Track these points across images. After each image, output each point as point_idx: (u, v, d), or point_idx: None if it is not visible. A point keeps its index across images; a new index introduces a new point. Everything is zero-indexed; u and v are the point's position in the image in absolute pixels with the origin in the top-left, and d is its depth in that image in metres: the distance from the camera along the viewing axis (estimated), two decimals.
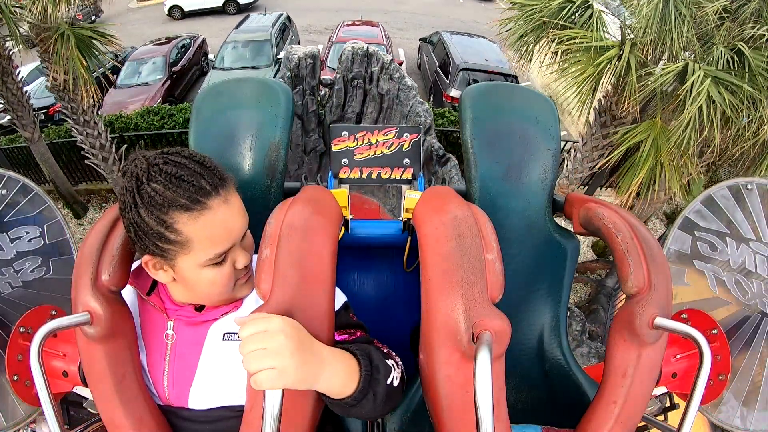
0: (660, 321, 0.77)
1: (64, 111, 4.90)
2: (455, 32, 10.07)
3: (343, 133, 1.28)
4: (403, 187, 1.29)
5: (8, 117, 5.38)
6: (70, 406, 1.08)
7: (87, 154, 5.28)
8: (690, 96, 3.20)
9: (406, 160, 1.29)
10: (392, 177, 1.29)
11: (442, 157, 5.14)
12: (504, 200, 1.14)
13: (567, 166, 5.21)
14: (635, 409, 0.80)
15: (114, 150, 5.38)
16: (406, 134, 1.28)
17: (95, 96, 4.52)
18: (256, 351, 0.58)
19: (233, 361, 0.78)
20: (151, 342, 0.81)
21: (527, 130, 1.16)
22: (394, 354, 0.79)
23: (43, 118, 8.04)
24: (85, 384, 0.87)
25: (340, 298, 0.83)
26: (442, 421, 0.75)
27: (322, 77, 5.74)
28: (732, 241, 1.20)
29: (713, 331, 1.12)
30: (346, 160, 1.28)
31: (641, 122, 3.87)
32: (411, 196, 1.16)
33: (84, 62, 4.11)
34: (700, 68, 3.25)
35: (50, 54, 4.19)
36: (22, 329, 1.05)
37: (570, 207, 1.11)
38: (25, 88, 5.33)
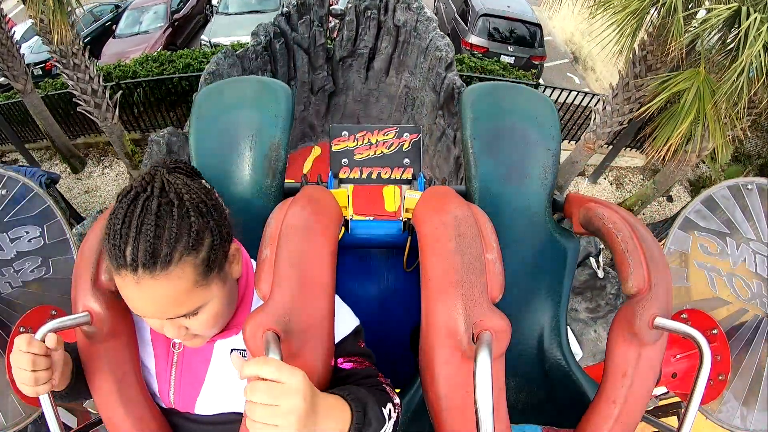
0: (660, 321, 0.77)
1: (53, 54, 4.69)
2: None
3: (343, 133, 1.28)
4: (403, 187, 1.29)
5: (2, 75, 5.20)
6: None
7: (79, 101, 5.04)
8: (745, 41, 3.00)
9: (406, 160, 1.29)
10: (392, 177, 1.29)
11: None
12: (504, 200, 1.14)
13: (595, 119, 4.88)
14: (635, 409, 0.80)
15: (108, 96, 5.13)
16: (406, 134, 1.28)
17: (67, 33, 4.28)
18: (266, 406, 0.54)
19: None
20: (158, 349, 0.81)
21: (527, 130, 1.16)
22: (393, 395, 0.76)
23: (41, 73, 7.84)
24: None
25: (353, 322, 0.80)
26: (442, 421, 0.75)
27: (331, 6, 5.26)
28: (732, 241, 1.20)
29: (713, 331, 1.12)
30: (346, 160, 1.28)
31: (682, 71, 3.59)
32: (411, 196, 1.16)
33: None
34: (755, 10, 3.04)
35: None
36: (22, 329, 1.05)
37: (570, 207, 1.11)
38: (22, 45, 5.10)
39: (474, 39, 7.87)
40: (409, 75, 5.46)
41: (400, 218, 1.23)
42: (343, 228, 1.20)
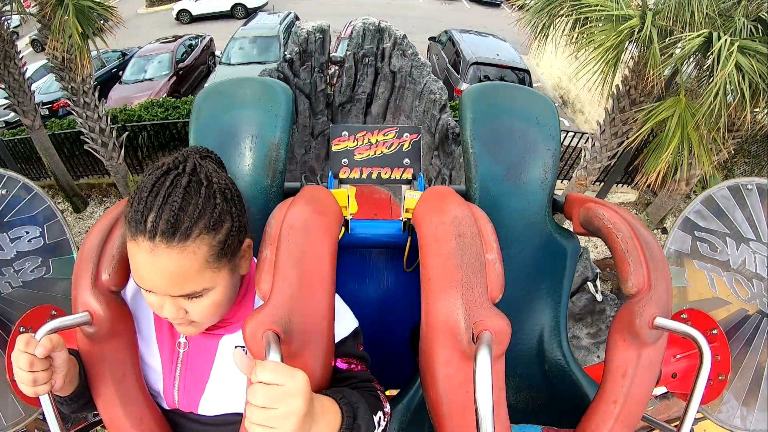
0: (660, 321, 0.77)
1: (66, 91, 4.89)
2: (465, 30, 9.95)
3: (343, 133, 1.28)
4: (403, 187, 1.29)
5: (12, 110, 5.41)
6: None
7: (86, 139, 5.22)
8: (718, 63, 3.20)
9: (406, 160, 1.29)
10: (392, 177, 1.29)
11: (459, 135, 5.01)
12: (504, 200, 1.14)
13: (585, 156, 5.12)
14: (635, 408, 0.80)
15: (114, 136, 5.35)
16: (406, 134, 1.28)
17: (90, 68, 4.52)
18: (265, 409, 0.53)
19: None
20: (163, 348, 0.81)
21: (527, 130, 1.16)
22: (385, 403, 0.76)
23: (47, 113, 8.12)
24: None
25: (352, 324, 0.80)
26: (442, 421, 0.75)
27: (331, 54, 5.51)
28: (732, 241, 1.20)
29: (713, 331, 1.12)
30: (346, 160, 1.28)
31: (665, 100, 3.84)
32: (411, 196, 1.16)
33: (80, 29, 4.08)
34: (725, 34, 3.24)
35: (48, 27, 4.18)
36: (22, 329, 1.05)
37: (570, 207, 1.11)
38: (32, 86, 5.37)
39: (466, 87, 8.15)
40: (405, 118, 5.69)
41: (400, 218, 1.23)
42: (343, 228, 1.20)
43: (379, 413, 0.71)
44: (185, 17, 14.12)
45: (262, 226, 0.78)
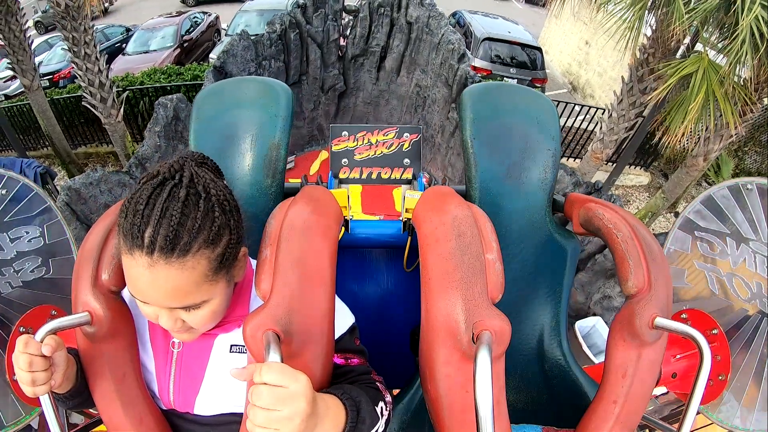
0: (660, 321, 0.77)
1: (66, 40, 4.84)
2: (474, 12, 9.99)
3: (343, 133, 1.28)
4: (404, 187, 1.29)
5: (10, 68, 5.32)
6: None
7: (85, 94, 5.13)
8: (742, 11, 3.29)
9: (406, 160, 1.29)
10: (392, 177, 1.30)
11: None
12: (504, 200, 1.14)
13: (602, 128, 5.13)
14: (635, 408, 0.80)
15: (114, 92, 5.28)
16: (406, 134, 1.28)
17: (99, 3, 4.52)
18: (269, 410, 0.53)
19: None
20: (157, 348, 0.81)
21: (527, 130, 1.16)
22: (386, 393, 0.76)
23: (48, 84, 8.16)
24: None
25: (348, 320, 0.80)
26: (442, 421, 0.75)
27: (346, 4, 5.36)
28: (732, 241, 1.20)
29: (713, 331, 1.12)
30: (346, 160, 1.28)
31: (687, 58, 3.94)
32: (411, 196, 1.16)
33: None
34: None
35: None
36: (22, 329, 1.05)
37: (570, 207, 1.11)
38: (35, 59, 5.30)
39: (478, 62, 8.18)
40: (421, 73, 5.47)
41: (401, 218, 1.23)
42: (343, 228, 1.20)
43: (381, 404, 0.71)
44: None
45: (262, 226, 0.78)
